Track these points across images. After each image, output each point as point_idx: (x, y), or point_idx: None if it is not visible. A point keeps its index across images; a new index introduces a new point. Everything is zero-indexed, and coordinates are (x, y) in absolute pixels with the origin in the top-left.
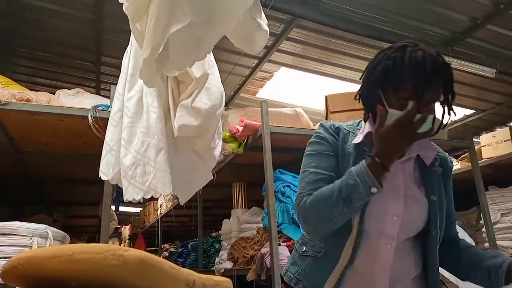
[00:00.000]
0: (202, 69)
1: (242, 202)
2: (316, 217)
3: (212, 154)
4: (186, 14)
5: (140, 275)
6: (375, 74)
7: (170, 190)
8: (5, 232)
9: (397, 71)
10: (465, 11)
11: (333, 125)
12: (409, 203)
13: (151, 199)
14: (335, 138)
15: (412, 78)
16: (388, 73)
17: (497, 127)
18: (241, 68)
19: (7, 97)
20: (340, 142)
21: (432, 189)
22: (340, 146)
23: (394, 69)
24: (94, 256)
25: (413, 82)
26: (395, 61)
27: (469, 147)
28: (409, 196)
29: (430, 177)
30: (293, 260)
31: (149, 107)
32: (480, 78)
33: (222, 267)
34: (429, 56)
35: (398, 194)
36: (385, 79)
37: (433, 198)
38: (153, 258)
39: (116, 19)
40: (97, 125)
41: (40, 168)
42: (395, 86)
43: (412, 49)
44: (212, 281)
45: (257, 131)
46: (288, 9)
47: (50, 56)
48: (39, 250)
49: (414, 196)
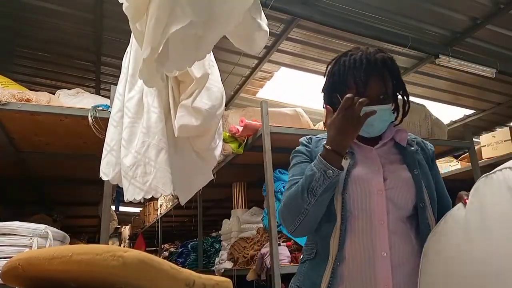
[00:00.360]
0: (202, 69)
1: (242, 202)
2: (290, 215)
3: (212, 154)
4: (186, 14)
5: (140, 276)
6: (328, 81)
7: (171, 190)
8: (5, 232)
9: (341, 73)
10: (465, 11)
11: (306, 138)
12: (391, 177)
13: (151, 199)
14: (307, 147)
15: (353, 77)
16: (334, 77)
17: (497, 127)
18: (241, 68)
19: (7, 97)
20: (312, 147)
21: (413, 164)
22: (313, 150)
23: (339, 73)
24: (94, 257)
25: (353, 80)
26: (339, 65)
27: (469, 147)
28: (389, 172)
29: (409, 155)
30: (297, 272)
31: (149, 107)
32: (480, 78)
33: (222, 267)
34: (366, 55)
35: (378, 172)
36: (335, 83)
37: (416, 172)
38: (152, 258)
39: (116, 19)
40: (97, 125)
41: (40, 168)
42: (342, 87)
43: (353, 52)
44: (212, 281)
45: (257, 131)
46: (288, 9)
47: (50, 56)
48: (39, 251)
49: (395, 171)
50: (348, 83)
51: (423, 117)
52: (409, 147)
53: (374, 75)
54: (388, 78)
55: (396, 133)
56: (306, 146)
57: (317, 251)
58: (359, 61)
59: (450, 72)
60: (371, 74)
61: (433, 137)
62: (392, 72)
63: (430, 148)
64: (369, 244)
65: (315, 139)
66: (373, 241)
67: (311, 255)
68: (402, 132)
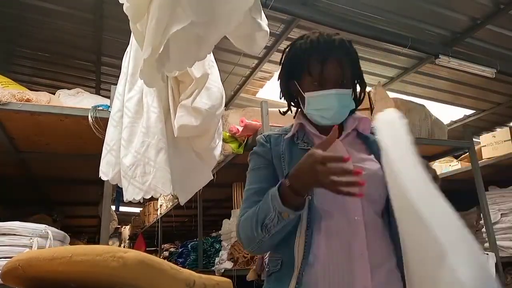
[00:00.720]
0: (202, 69)
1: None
2: (246, 240)
3: (212, 154)
4: (187, 14)
5: (140, 276)
6: (284, 68)
7: (170, 190)
8: (5, 232)
9: (297, 57)
10: (465, 11)
11: (264, 135)
12: (361, 165)
13: (151, 199)
14: (265, 147)
15: (310, 60)
16: (291, 61)
17: (497, 127)
18: (241, 68)
19: (7, 97)
20: (271, 146)
21: (379, 154)
22: (273, 149)
23: (295, 56)
24: (94, 258)
25: (311, 63)
26: (295, 48)
27: (469, 147)
28: (358, 164)
29: (374, 144)
30: None
31: (149, 107)
32: (480, 78)
33: (222, 267)
34: (323, 35)
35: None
36: (291, 68)
37: None
38: (152, 259)
39: (116, 19)
40: (97, 125)
41: (40, 168)
42: (299, 73)
43: (309, 35)
44: (212, 281)
45: (257, 131)
46: (288, 9)
47: (50, 56)
48: (39, 252)
49: (362, 159)
50: (305, 67)
51: (423, 117)
52: (372, 136)
53: (333, 58)
54: (347, 63)
55: (359, 122)
56: (263, 145)
57: (282, 261)
58: (316, 42)
59: (450, 72)
60: (329, 56)
61: (433, 137)
62: (351, 56)
63: None
64: (344, 244)
65: (274, 136)
66: (350, 241)
67: (276, 267)
68: (365, 121)
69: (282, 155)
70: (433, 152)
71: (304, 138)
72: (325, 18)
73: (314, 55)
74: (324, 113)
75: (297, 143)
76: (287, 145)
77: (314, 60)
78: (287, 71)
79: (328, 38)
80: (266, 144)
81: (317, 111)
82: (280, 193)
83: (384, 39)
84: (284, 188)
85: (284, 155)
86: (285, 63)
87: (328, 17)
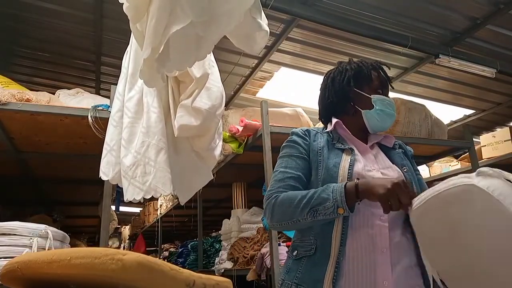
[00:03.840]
0: (202, 69)
1: (242, 202)
2: (281, 215)
3: (212, 154)
4: (186, 14)
5: (140, 278)
6: (346, 78)
7: (170, 190)
8: (5, 232)
9: (368, 71)
10: (465, 11)
11: (302, 129)
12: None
13: (151, 199)
14: (305, 140)
15: (378, 76)
16: (361, 74)
17: (497, 127)
18: (241, 68)
19: (7, 97)
20: (311, 140)
21: (401, 164)
22: (311, 144)
23: (365, 71)
24: (93, 260)
25: (379, 79)
26: (362, 66)
27: (469, 147)
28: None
29: (396, 155)
30: (287, 268)
31: (149, 107)
32: (480, 78)
33: (222, 267)
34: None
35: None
36: (359, 80)
37: (405, 169)
38: (152, 260)
39: (116, 19)
40: (97, 125)
41: (40, 168)
42: (368, 82)
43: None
44: (212, 281)
45: (257, 131)
46: (288, 9)
47: (50, 56)
48: (38, 254)
49: (386, 166)
50: (370, 79)
51: (423, 117)
52: (393, 150)
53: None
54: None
55: (384, 137)
56: (303, 138)
57: (317, 246)
58: (372, 64)
59: (450, 72)
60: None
61: (433, 137)
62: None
63: (409, 150)
64: (369, 240)
65: (312, 132)
66: (373, 238)
67: (310, 251)
68: (388, 138)
69: (319, 150)
70: (433, 152)
71: (340, 139)
72: (325, 18)
73: (375, 72)
74: (385, 117)
75: (333, 143)
76: (326, 142)
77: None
78: (347, 81)
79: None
80: (305, 137)
81: (381, 112)
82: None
83: (384, 39)
84: (350, 188)
85: (321, 151)
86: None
87: (328, 17)
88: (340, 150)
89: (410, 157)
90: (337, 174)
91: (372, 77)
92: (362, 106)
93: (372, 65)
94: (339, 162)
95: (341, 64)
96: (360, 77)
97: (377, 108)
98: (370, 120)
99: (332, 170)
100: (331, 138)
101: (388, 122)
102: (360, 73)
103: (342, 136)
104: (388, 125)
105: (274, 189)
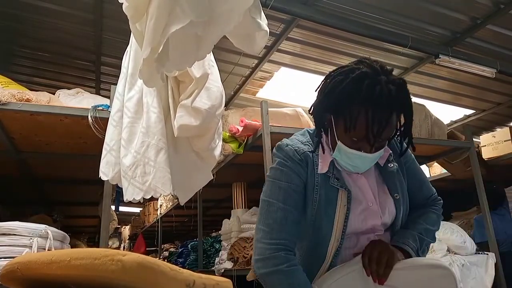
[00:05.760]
0: (202, 69)
1: (242, 202)
2: (265, 276)
3: (212, 154)
4: (186, 14)
5: (140, 279)
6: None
7: (170, 190)
8: (5, 232)
9: (351, 109)
10: (465, 11)
11: (297, 151)
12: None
13: (151, 199)
14: (302, 167)
15: (365, 121)
16: (341, 104)
17: (497, 127)
18: (241, 68)
19: (7, 97)
20: (309, 171)
21: (394, 188)
22: (309, 175)
23: (348, 105)
24: (92, 261)
25: (366, 126)
26: (350, 95)
27: (469, 147)
28: (381, 200)
29: (389, 177)
30: None
31: (149, 107)
32: (480, 78)
33: (222, 267)
34: (386, 92)
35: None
36: (338, 110)
37: (397, 197)
38: (151, 261)
39: (116, 19)
40: (97, 125)
41: (40, 168)
42: (346, 124)
43: (370, 82)
44: (212, 281)
45: (257, 131)
46: (288, 9)
47: (50, 56)
48: (37, 255)
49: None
50: (346, 112)
51: (423, 117)
52: (387, 167)
53: (392, 118)
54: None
55: None
56: (300, 164)
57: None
58: (377, 100)
59: (450, 72)
60: (390, 118)
61: (433, 137)
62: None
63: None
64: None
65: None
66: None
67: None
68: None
69: (316, 186)
70: (433, 152)
71: (335, 173)
72: (325, 18)
73: (369, 118)
74: (353, 168)
75: (329, 176)
76: (322, 179)
77: (358, 110)
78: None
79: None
80: (302, 164)
81: (345, 163)
82: None
83: (384, 39)
84: None
85: (318, 188)
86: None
87: (328, 17)
88: (335, 189)
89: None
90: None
91: (355, 119)
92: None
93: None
94: (333, 217)
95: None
96: (339, 108)
97: (340, 158)
98: (343, 165)
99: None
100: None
101: (363, 169)
102: (340, 101)
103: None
104: (364, 170)
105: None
